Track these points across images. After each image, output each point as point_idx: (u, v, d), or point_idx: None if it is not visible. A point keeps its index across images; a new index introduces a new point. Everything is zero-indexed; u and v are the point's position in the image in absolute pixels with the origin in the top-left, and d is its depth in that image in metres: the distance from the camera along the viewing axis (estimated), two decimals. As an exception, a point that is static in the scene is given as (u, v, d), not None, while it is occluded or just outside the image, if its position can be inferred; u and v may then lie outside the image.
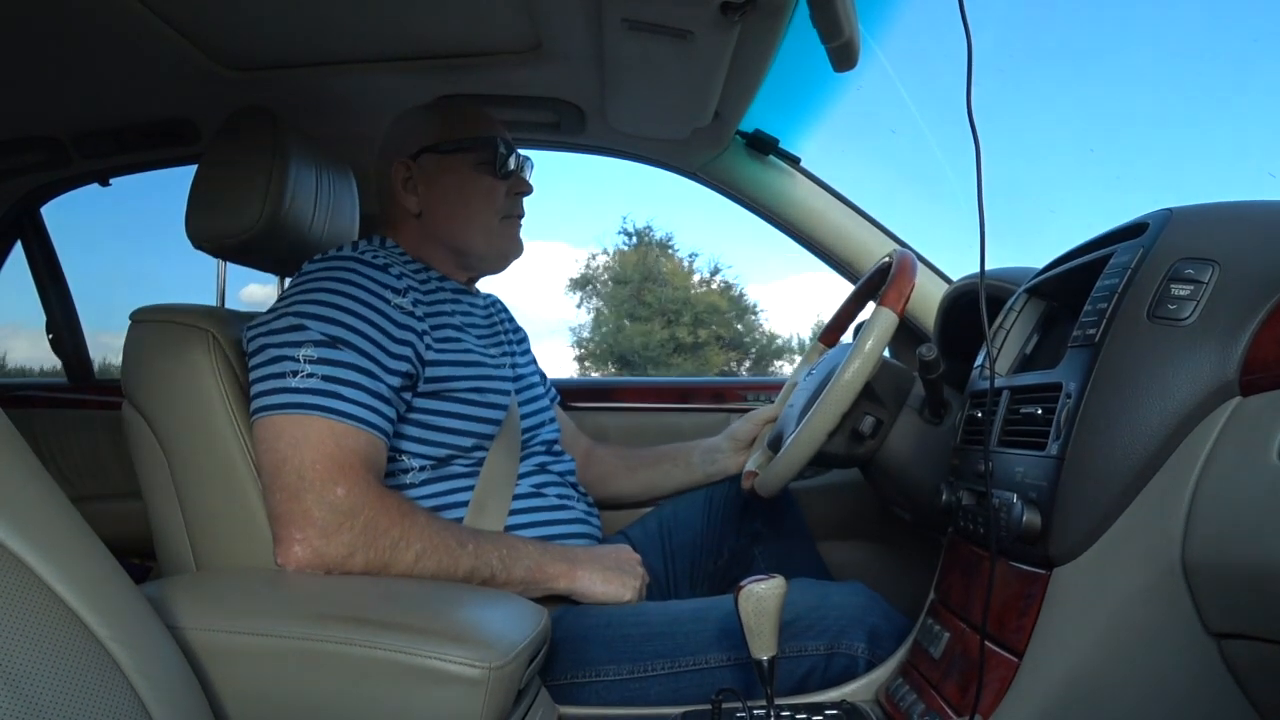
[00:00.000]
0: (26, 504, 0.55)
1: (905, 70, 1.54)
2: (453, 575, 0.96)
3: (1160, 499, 0.69)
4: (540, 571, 1.03)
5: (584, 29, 1.17)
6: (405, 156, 1.16)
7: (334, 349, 0.96)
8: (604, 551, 1.12)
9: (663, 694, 0.97)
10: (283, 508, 0.91)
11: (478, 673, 0.71)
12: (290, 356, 0.95)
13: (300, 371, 0.94)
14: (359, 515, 0.91)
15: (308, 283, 1.02)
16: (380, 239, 1.16)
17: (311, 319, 0.97)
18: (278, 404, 0.94)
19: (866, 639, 0.98)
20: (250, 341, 1.00)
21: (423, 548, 0.94)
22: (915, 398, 1.12)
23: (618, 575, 1.09)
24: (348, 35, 1.26)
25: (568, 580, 1.06)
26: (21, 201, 1.82)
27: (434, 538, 0.96)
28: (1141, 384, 0.71)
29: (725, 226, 27.95)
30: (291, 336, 0.97)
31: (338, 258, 1.04)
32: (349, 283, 1.01)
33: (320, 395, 0.94)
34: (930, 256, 1.60)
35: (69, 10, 1.14)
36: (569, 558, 1.07)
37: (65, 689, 0.51)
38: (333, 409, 0.94)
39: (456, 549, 0.97)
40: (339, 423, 0.94)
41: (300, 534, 0.90)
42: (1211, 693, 0.70)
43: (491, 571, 0.99)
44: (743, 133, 1.57)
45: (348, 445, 0.94)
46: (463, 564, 0.97)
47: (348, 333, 0.97)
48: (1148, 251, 0.75)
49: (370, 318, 0.99)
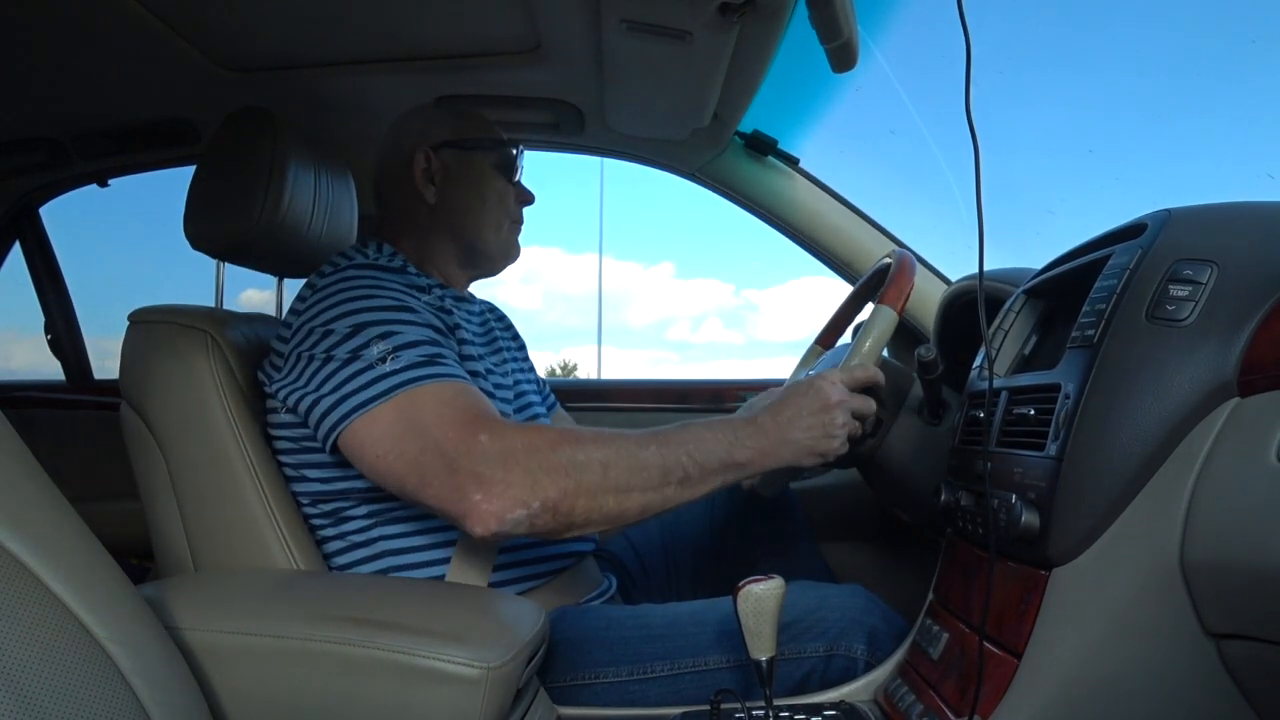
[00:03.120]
0: (25, 505, 0.55)
1: (904, 71, 1.54)
2: (649, 483, 0.90)
3: (1159, 499, 0.69)
4: (733, 461, 0.95)
5: (583, 30, 1.17)
6: (427, 147, 1.15)
7: (402, 334, 0.93)
8: (791, 411, 0.98)
9: (662, 695, 0.97)
10: (445, 488, 0.86)
11: (476, 673, 0.71)
12: (363, 356, 0.92)
13: (386, 358, 0.91)
14: (517, 450, 0.86)
15: (334, 294, 0.97)
16: (377, 244, 1.13)
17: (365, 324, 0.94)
18: (381, 391, 0.89)
19: (866, 641, 0.98)
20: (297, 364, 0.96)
21: (604, 456, 0.88)
22: (914, 398, 1.12)
23: (818, 440, 0.98)
24: (347, 36, 1.26)
25: (764, 462, 0.97)
26: (20, 202, 1.82)
27: (608, 445, 0.90)
28: (1140, 384, 0.71)
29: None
30: (355, 341, 0.93)
31: (353, 266, 1.01)
32: (378, 285, 0.98)
33: (417, 367, 0.91)
34: (929, 257, 1.60)
35: (68, 11, 1.14)
36: (758, 436, 0.96)
37: (64, 690, 0.51)
38: (436, 374, 0.91)
39: (638, 451, 0.90)
40: (444, 384, 0.90)
41: (478, 494, 0.85)
42: (1210, 693, 0.70)
43: (685, 471, 0.92)
44: (741, 133, 1.57)
45: (463, 402, 0.90)
46: (652, 466, 0.90)
47: (405, 314, 0.96)
48: (1146, 252, 0.75)
49: (412, 306, 0.98)
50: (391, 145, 1.18)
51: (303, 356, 0.96)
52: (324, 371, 0.93)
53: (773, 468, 0.98)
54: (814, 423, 0.97)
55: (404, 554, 1.02)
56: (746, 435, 0.96)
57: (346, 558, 1.02)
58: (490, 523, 0.85)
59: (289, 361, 0.98)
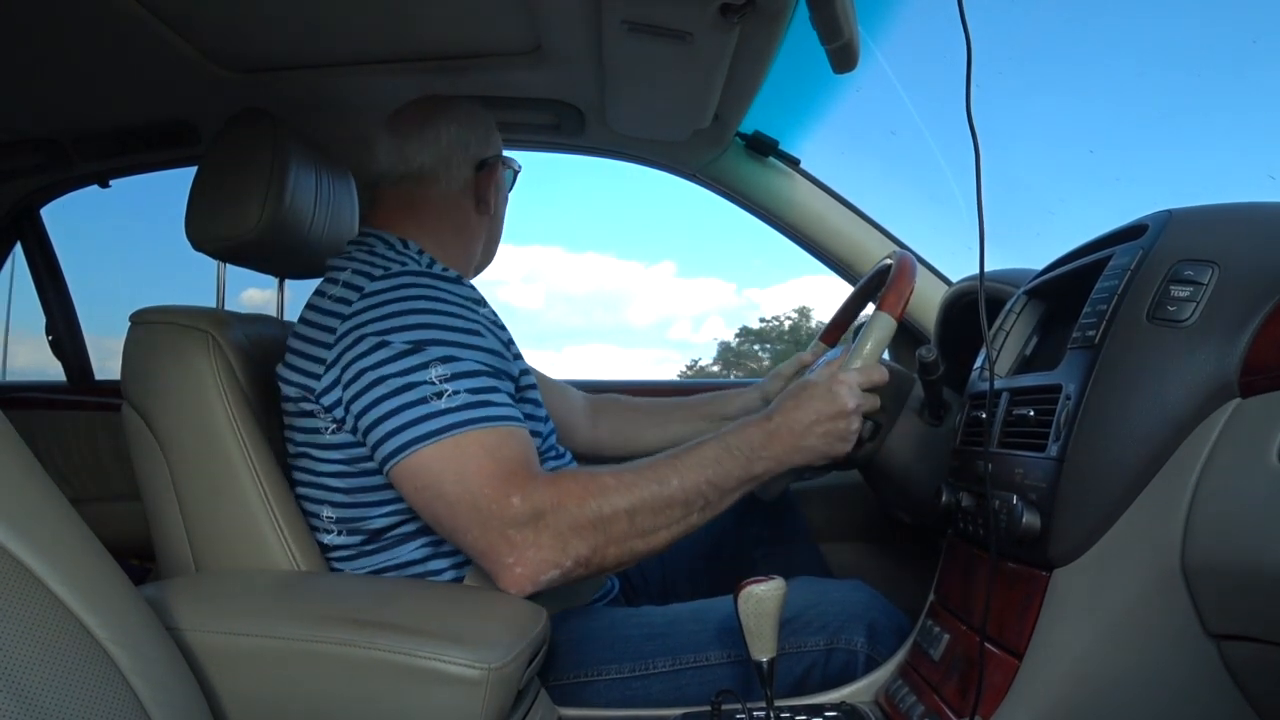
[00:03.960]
0: (26, 506, 0.55)
1: (904, 71, 1.54)
2: (674, 519, 0.92)
3: (1160, 500, 0.69)
4: (750, 476, 0.97)
5: (583, 30, 1.17)
6: (494, 153, 1.19)
7: (461, 361, 0.92)
8: (809, 417, 0.98)
9: (664, 692, 0.97)
10: (481, 543, 0.88)
11: (477, 673, 0.71)
12: (421, 381, 0.90)
13: (445, 392, 0.90)
14: (545, 511, 0.88)
15: (391, 302, 0.94)
16: (402, 241, 1.09)
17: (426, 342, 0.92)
18: (435, 429, 0.89)
19: (866, 634, 0.98)
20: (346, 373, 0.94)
21: (630, 504, 0.90)
22: (915, 399, 1.12)
23: (832, 444, 0.99)
24: (347, 37, 1.26)
25: (779, 469, 0.99)
26: (21, 203, 1.82)
27: (631, 490, 0.91)
28: (1141, 385, 0.71)
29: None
30: (411, 360, 0.91)
31: (408, 273, 0.98)
32: (439, 298, 0.96)
33: (472, 408, 0.90)
34: (930, 258, 1.60)
35: (69, 12, 1.14)
36: (774, 444, 0.97)
37: (65, 690, 0.51)
38: (486, 418, 0.90)
39: (661, 490, 0.92)
40: (491, 430, 0.90)
41: (510, 558, 0.87)
42: (1211, 694, 0.70)
43: (705, 499, 0.94)
44: (742, 134, 1.57)
45: (504, 454, 0.90)
46: (676, 503, 0.92)
47: (468, 336, 0.94)
48: (1147, 253, 0.75)
49: (476, 328, 0.96)
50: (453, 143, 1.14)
51: (352, 367, 0.93)
52: (377, 391, 0.91)
53: (786, 470, 1.00)
54: (830, 428, 0.99)
55: (427, 561, 1.01)
56: (762, 445, 0.97)
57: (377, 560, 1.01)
58: (525, 585, 0.88)
59: (334, 369, 0.95)
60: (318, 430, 0.98)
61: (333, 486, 1.00)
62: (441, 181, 1.14)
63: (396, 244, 1.07)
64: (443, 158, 1.14)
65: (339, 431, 0.96)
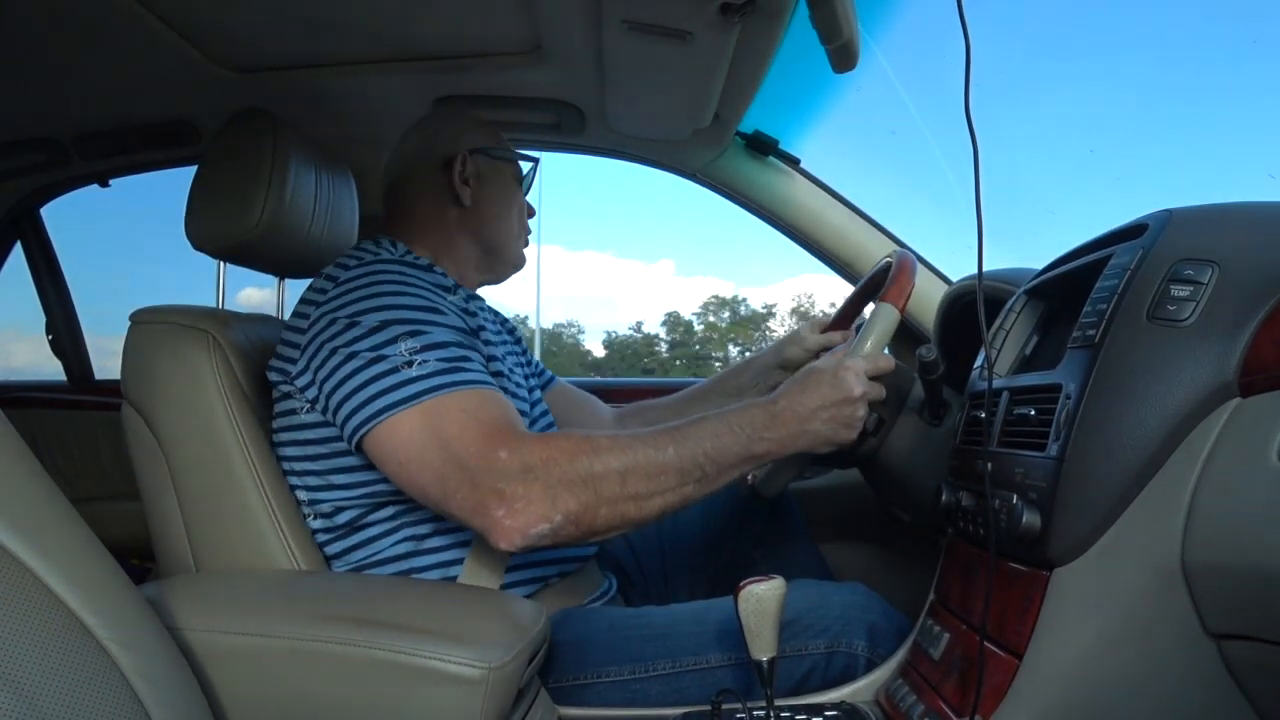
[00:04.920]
0: (26, 505, 0.55)
1: (905, 71, 1.54)
2: (668, 486, 0.91)
3: (1160, 500, 0.69)
4: (750, 455, 0.96)
5: (584, 30, 1.17)
6: (464, 150, 1.17)
7: (429, 334, 0.93)
8: (814, 402, 0.97)
9: (664, 693, 0.97)
10: (470, 500, 0.87)
11: (477, 673, 0.71)
12: (390, 353, 0.91)
13: (414, 361, 0.91)
14: (535, 465, 0.87)
15: (361, 286, 0.97)
16: (391, 242, 1.12)
17: (392, 320, 0.94)
18: (408, 395, 0.89)
19: (867, 637, 0.98)
20: (318, 353, 0.95)
21: (622, 465, 0.89)
22: (915, 399, 1.12)
23: (837, 431, 0.99)
24: (347, 36, 1.26)
25: (781, 452, 0.98)
26: (21, 202, 1.82)
27: (625, 452, 0.90)
28: (1141, 385, 0.71)
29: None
30: (381, 336, 0.92)
31: (380, 261, 1.01)
32: (406, 281, 0.98)
33: (444, 374, 0.91)
34: (929, 257, 1.60)
35: (69, 12, 1.14)
36: (777, 427, 0.96)
37: (65, 690, 0.51)
38: (462, 381, 0.91)
39: (656, 455, 0.91)
40: (469, 391, 0.91)
41: (500, 510, 0.86)
42: (1211, 694, 0.70)
43: (702, 470, 0.93)
44: (742, 134, 1.57)
45: (484, 415, 0.90)
46: (670, 469, 0.91)
47: (433, 314, 0.96)
48: (1147, 252, 0.75)
49: (440, 307, 0.98)
50: (422, 146, 1.19)
51: (324, 346, 0.95)
52: (349, 366, 0.93)
53: (788, 455, 1.00)
54: (835, 414, 0.98)
55: (421, 555, 1.01)
56: (764, 426, 0.96)
57: (360, 555, 1.02)
58: (515, 538, 0.87)
59: (308, 352, 0.97)
60: (293, 412, 1.00)
61: (307, 470, 1.01)
62: (416, 182, 1.18)
63: (386, 244, 1.11)
64: (408, 162, 1.19)
65: (311, 411, 0.98)
